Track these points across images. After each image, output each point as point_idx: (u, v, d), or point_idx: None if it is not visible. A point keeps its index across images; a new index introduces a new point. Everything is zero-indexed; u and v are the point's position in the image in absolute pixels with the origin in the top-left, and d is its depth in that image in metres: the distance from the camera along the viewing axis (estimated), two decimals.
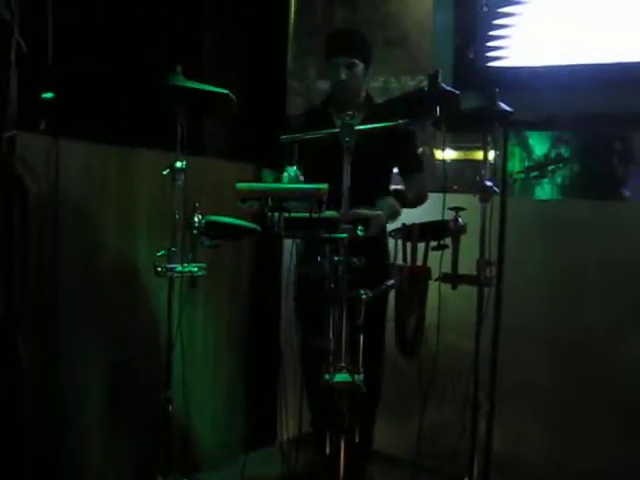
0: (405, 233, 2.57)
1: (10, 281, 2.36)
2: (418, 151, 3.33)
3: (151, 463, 2.66)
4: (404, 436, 2.90)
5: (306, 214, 2.30)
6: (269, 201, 2.31)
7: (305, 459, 2.73)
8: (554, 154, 3.86)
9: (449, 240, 2.57)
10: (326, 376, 2.33)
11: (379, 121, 2.55)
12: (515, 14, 3.52)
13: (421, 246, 2.57)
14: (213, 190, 2.96)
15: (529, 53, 3.52)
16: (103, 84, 2.84)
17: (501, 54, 3.54)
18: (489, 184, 2.52)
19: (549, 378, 3.16)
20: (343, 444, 2.36)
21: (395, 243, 2.57)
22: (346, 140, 2.36)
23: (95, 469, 2.83)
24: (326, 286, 2.39)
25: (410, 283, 2.54)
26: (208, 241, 2.55)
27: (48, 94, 2.52)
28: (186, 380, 2.64)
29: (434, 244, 2.58)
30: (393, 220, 2.83)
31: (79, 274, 2.74)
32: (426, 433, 2.70)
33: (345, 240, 2.33)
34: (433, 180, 3.17)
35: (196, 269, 2.52)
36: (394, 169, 3.18)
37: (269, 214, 2.32)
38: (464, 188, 3.16)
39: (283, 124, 3.16)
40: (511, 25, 3.52)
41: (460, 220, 2.56)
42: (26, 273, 2.42)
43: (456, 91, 2.44)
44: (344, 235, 2.33)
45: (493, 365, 2.49)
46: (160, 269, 2.48)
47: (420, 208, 3.01)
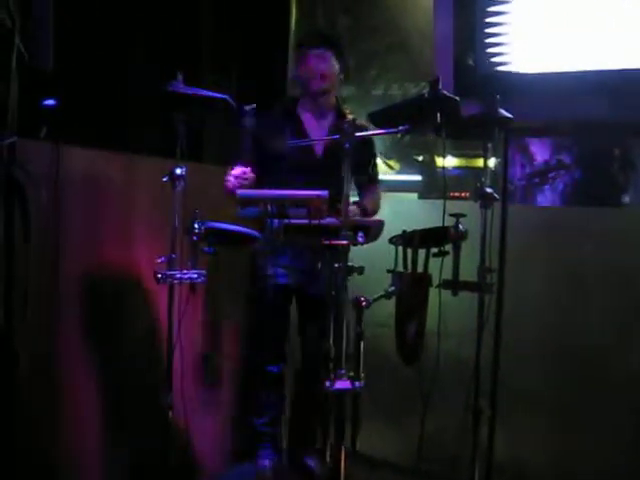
0: (406, 240, 2.57)
1: (10, 286, 2.36)
2: (377, 162, 3.28)
3: (151, 467, 2.66)
4: (405, 442, 2.89)
5: (305, 221, 2.30)
6: (268, 207, 2.31)
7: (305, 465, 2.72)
8: (555, 161, 3.87)
9: (450, 247, 2.58)
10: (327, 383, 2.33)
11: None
12: (515, 21, 3.53)
13: (422, 253, 2.57)
14: (213, 197, 2.96)
15: (530, 60, 3.52)
16: (103, 91, 2.84)
17: (501, 61, 3.55)
18: (489, 191, 2.52)
19: (550, 384, 3.15)
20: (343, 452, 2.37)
21: (396, 249, 2.57)
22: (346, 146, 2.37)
23: (93, 473, 2.82)
24: (325, 292, 2.39)
25: (411, 289, 2.54)
26: (208, 248, 2.55)
27: (49, 101, 2.52)
28: (186, 386, 2.63)
29: (435, 251, 2.58)
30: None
31: (79, 280, 2.73)
32: (427, 439, 2.69)
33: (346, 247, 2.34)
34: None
35: (196, 276, 2.52)
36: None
37: (268, 220, 2.32)
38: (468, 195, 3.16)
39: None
40: (511, 32, 3.53)
41: (461, 227, 2.56)
42: (27, 278, 2.42)
43: (456, 97, 2.44)
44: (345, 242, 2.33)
45: (494, 371, 2.49)
46: (160, 276, 2.48)
47: (421, 215, 3.01)
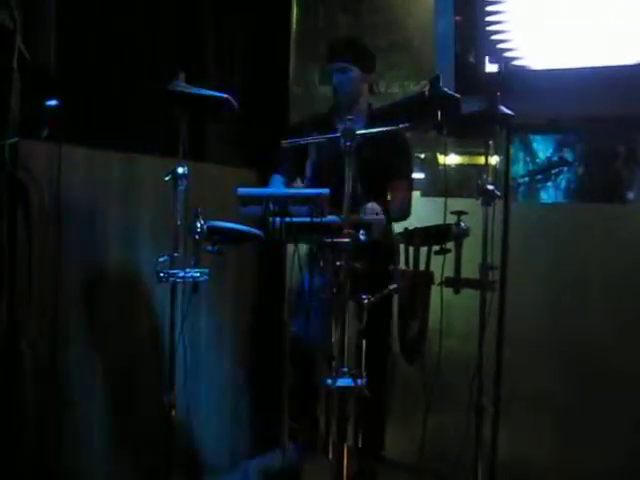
0: (408, 237, 2.57)
1: (13, 286, 2.37)
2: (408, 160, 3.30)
3: (154, 468, 2.67)
4: (407, 440, 2.89)
5: (307, 219, 2.30)
6: (270, 206, 2.31)
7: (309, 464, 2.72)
8: (558, 158, 3.86)
9: (452, 244, 2.58)
10: (329, 381, 2.33)
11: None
12: (516, 17, 3.52)
13: (423, 250, 2.57)
14: (215, 196, 2.96)
15: (531, 57, 3.52)
16: (105, 90, 2.84)
17: (502, 58, 3.54)
18: (491, 188, 2.51)
19: (553, 383, 3.15)
20: (346, 449, 2.37)
21: (397, 247, 2.57)
22: (347, 144, 2.36)
23: (99, 472, 2.83)
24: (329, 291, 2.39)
25: (413, 287, 2.54)
26: (210, 246, 2.56)
27: (51, 101, 2.52)
28: (189, 385, 2.64)
29: (437, 248, 2.58)
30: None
31: (82, 279, 2.75)
32: (430, 438, 2.69)
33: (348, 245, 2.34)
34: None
35: (198, 274, 2.52)
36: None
37: (270, 219, 2.32)
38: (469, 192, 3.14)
39: (287, 130, 3.15)
40: (512, 29, 3.53)
41: (462, 224, 2.56)
42: (29, 278, 2.43)
43: (457, 95, 2.44)
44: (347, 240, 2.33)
45: (497, 370, 2.48)
46: (162, 275, 2.48)
47: (424, 212, 3.00)
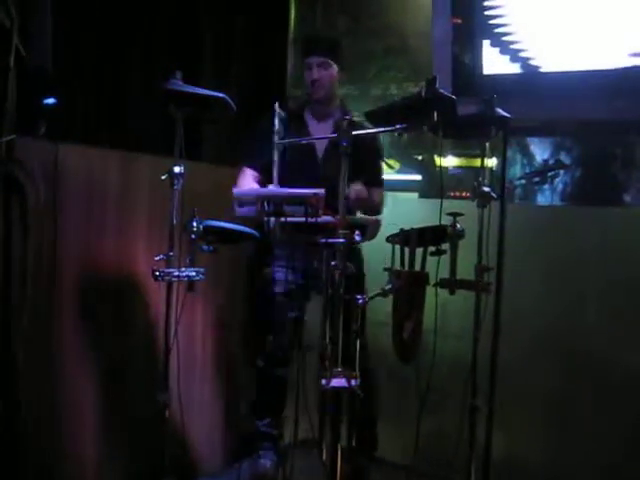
0: (403, 238, 2.57)
1: (9, 284, 2.37)
2: (381, 165, 3.33)
3: (148, 467, 2.66)
4: (401, 441, 2.89)
5: (302, 219, 2.31)
6: (265, 205, 2.32)
7: (303, 464, 2.72)
8: (555, 160, 3.86)
9: (447, 245, 2.58)
10: (322, 381, 2.33)
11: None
12: (513, 21, 3.53)
13: (419, 251, 2.57)
14: (211, 195, 2.96)
15: (528, 60, 3.53)
16: (102, 89, 2.85)
17: (499, 60, 3.55)
18: (487, 190, 2.52)
19: (549, 383, 3.15)
20: (340, 449, 2.37)
21: (393, 248, 2.57)
22: (343, 145, 2.37)
23: (91, 472, 2.83)
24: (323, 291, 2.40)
25: (407, 288, 2.54)
26: (206, 246, 2.56)
27: (48, 99, 2.52)
28: (183, 385, 2.63)
29: (432, 249, 2.58)
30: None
31: (77, 278, 2.74)
32: (425, 438, 2.69)
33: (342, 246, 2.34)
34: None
35: (194, 273, 2.53)
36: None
37: (265, 219, 2.33)
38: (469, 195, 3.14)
39: (257, 125, 3.10)
40: (510, 32, 3.53)
41: (458, 225, 2.56)
42: (25, 276, 2.43)
43: (453, 97, 2.44)
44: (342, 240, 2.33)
45: (492, 370, 2.48)
46: (158, 273, 2.49)
47: (421, 214, 3.00)
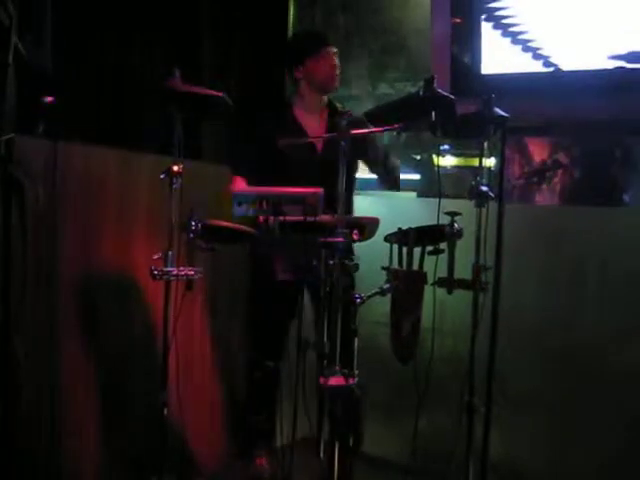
0: (401, 237, 2.57)
1: (8, 284, 2.37)
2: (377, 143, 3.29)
3: (148, 465, 2.67)
4: (399, 440, 2.90)
5: (300, 218, 2.31)
6: (264, 204, 2.32)
7: (300, 464, 2.72)
8: (553, 160, 3.87)
9: (445, 244, 2.58)
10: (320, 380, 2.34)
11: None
12: (513, 20, 3.53)
13: (417, 250, 2.58)
14: (210, 194, 2.97)
15: (527, 59, 3.53)
16: (102, 88, 2.85)
17: (498, 60, 3.55)
18: (484, 189, 2.52)
19: (547, 383, 3.15)
20: (337, 448, 2.38)
21: (390, 247, 2.58)
22: (342, 144, 2.38)
23: (90, 471, 2.84)
24: (321, 289, 2.40)
25: (405, 287, 2.54)
26: (205, 245, 2.56)
27: (47, 97, 2.53)
28: (181, 384, 2.64)
29: (430, 248, 2.59)
30: None
31: (76, 276, 2.75)
32: (422, 437, 2.70)
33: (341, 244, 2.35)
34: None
35: (192, 272, 2.53)
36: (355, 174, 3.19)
37: (264, 218, 2.33)
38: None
39: (251, 122, 3.11)
40: (509, 31, 3.54)
41: (456, 225, 2.56)
42: (25, 275, 2.43)
43: (451, 96, 2.45)
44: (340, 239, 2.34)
45: (490, 369, 2.49)
46: (156, 272, 2.49)
47: (419, 213, 3.00)
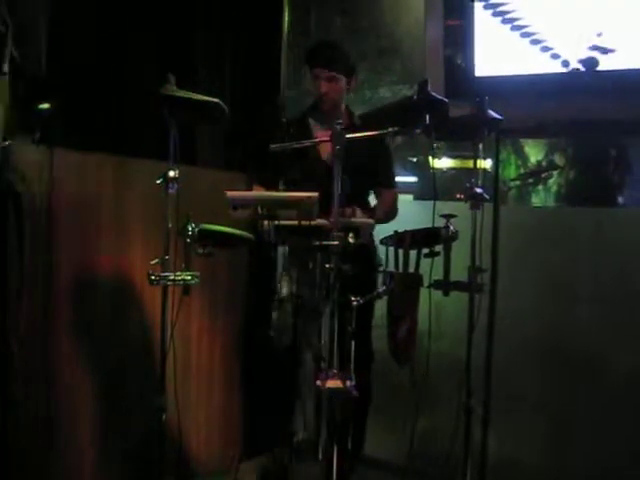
0: (397, 240, 2.58)
1: (5, 289, 2.38)
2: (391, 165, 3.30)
3: (145, 470, 2.67)
4: (397, 442, 2.90)
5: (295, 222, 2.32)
6: (259, 209, 2.33)
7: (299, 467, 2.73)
8: (548, 162, 3.88)
9: (441, 247, 2.59)
10: (318, 382, 2.34)
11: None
12: (506, 22, 3.55)
13: (413, 253, 2.59)
14: (206, 199, 2.97)
15: (521, 61, 3.54)
16: (97, 94, 2.86)
17: (492, 62, 3.57)
18: (479, 191, 2.53)
19: (544, 385, 3.16)
20: (336, 450, 2.38)
21: (386, 250, 2.59)
22: (337, 148, 2.38)
23: (88, 474, 2.84)
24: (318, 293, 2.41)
25: (402, 290, 2.55)
26: (201, 249, 2.57)
27: (43, 105, 2.53)
28: (179, 388, 2.64)
29: (426, 251, 2.60)
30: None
31: (73, 282, 2.76)
32: (420, 439, 2.70)
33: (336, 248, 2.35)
34: None
35: (189, 277, 2.53)
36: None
37: (260, 222, 2.34)
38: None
39: (264, 132, 3.12)
40: (502, 34, 3.55)
41: (451, 227, 2.57)
42: (21, 280, 2.44)
43: (444, 99, 2.46)
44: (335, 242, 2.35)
45: (487, 371, 2.49)
46: (153, 277, 2.49)
47: (415, 216, 3.01)
